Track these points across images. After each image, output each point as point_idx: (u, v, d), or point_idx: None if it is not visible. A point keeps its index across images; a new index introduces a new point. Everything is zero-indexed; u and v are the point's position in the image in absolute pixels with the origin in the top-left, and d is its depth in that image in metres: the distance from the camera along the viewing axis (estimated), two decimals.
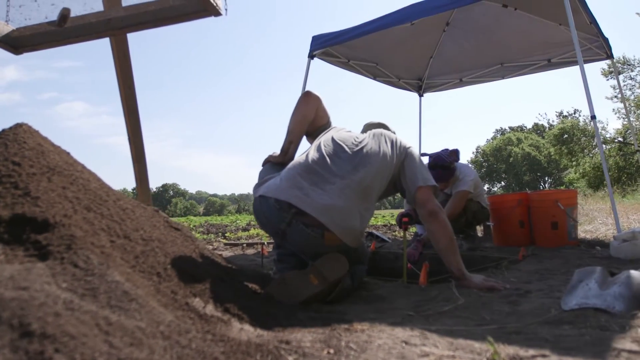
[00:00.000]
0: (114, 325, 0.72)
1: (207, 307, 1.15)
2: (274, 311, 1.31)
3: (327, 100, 2.05)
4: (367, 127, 2.17)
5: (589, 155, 21.15)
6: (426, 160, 3.23)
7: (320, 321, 1.25)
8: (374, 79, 5.79)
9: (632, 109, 18.72)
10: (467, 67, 5.81)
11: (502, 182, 52.27)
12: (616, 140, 19.52)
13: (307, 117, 1.98)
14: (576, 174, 21.56)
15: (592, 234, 3.98)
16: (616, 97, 19.23)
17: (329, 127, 2.05)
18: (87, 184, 1.32)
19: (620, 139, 19.35)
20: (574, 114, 30.34)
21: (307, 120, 1.99)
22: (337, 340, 1.04)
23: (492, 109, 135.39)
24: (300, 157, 1.84)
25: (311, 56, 4.61)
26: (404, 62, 5.73)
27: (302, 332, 1.11)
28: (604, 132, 20.27)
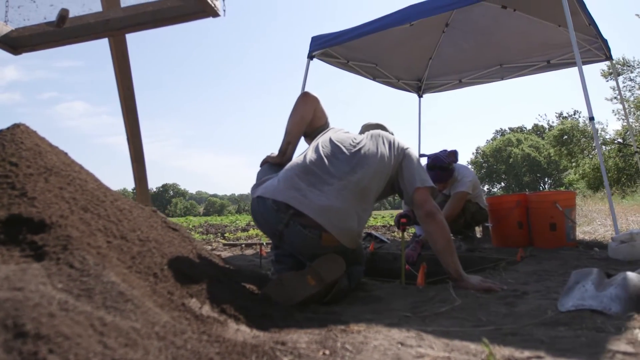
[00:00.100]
0: (108, 325, 0.72)
1: (203, 307, 1.15)
2: (270, 312, 1.31)
3: (327, 101, 2.05)
4: (365, 128, 2.17)
5: (589, 156, 21.16)
6: (424, 161, 3.23)
7: (316, 322, 1.25)
8: (374, 79, 5.79)
9: (632, 110, 18.73)
10: (467, 68, 5.82)
11: (502, 183, 52.28)
12: (616, 141, 19.53)
13: (305, 118, 1.98)
14: (576, 175, 21.58)
15: (591, 235, 3.98)
16: (615, 98, 19.26)
17: (327, 128, 2.05)
18: (85, 185, 1.32)
19: (619, 140, 19.35)
20: (574, 115, 30.34)
21: (305, 121, 1.99)
22: (333, 341, 1.04)
23: (492, 109, 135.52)
24: (298, 158, 1.84)
25: (310, 57, 4.61)
26: (403, 62, 5.74)
27: (298, 333, 1.11)
28: (604, 134, 20.28)
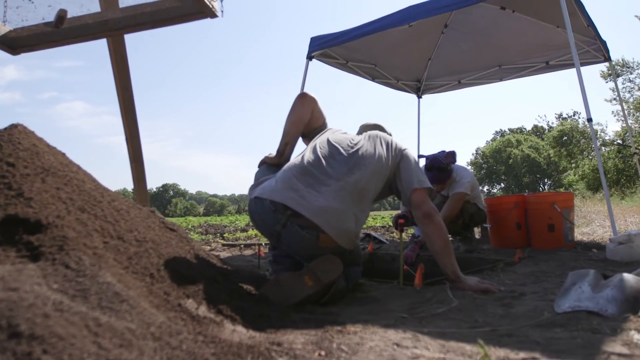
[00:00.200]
0: (103, 326, 0.72)
1: (200, 308, 1.15)
2: (267, 312, 1.31)
3: (326, 101, 2.06)
4: (363, 129, 2.17)
5: (588, 157, 21.16)
6: (423, 162, 3.23)
7: (313, 323, 1.25)
8: (373, 80, 5.79)
9: (631, 111, 18.73)
10: (466, 69, 5.82)
11: (502, 184, 52.29)
12: (615, 142, 19.53)
13: (303, 119, 1.99)
14: (575, 176, 21.58)
15: (589, 237, 3.98)
16: (615, 99, 19.26)
17: (325, 129, 2.05)
18: (82, 185, 1.32)
19: (619, 142, 19.36)
20: (574, 116, 30.30)
21: (303, 121, 1.99)
22: (329, 342, 1.04)
23: (492, 110, 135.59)
24: (295, 159, 1.84)
25: (309, 57, 4.61)
26: (402, 63, 5.74)
27: (294, 334, 1.11)
28: (603, 135, 20.26)
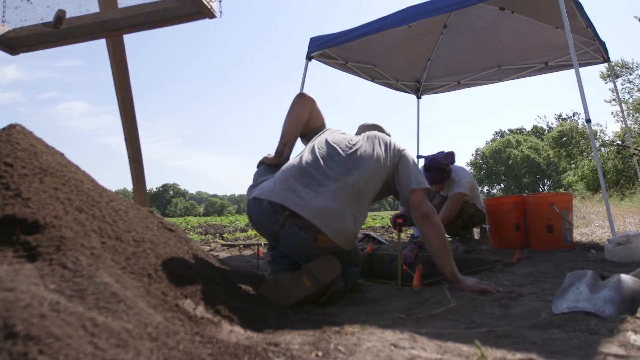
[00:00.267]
0: (100, 326, 0.73)
1: (197, 308, 1.16)
2: (265, 313, 1.31)
3: (325, 102, 2.07)
4: (362, 129, 2.17)
5: (588, 158, 21.18)
6: (422, 162, 3.24)
7: (311, 323, 1.25)
8: (372, 80, 5.80)
9: (630, 112, 18.75)
10: (465, 70, 5.83)
11: (502, 185, 52.30)
12: (614, 143, 19.55)
13: (302, 119, 1.99)
14: (575, 176, 21.60)
15: (588, 237, 3.99)
16: (614, 100, 19.28)
17: (324, 129, 2.05)
18: (80, 185, 1.32)
19: (618, 142, 19.37)
20: (573, 116, 30.33)
21: (302, 122, 1.99)
22: (327, 342, 1.04)
23: (491, 111, 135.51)
24: (294, 160, 1.84)
25: (309, 58, 4.62)
26: (401, 64, 5.75)
27: (291, 334, 1.11)
28: (603, 135, 20.27)
